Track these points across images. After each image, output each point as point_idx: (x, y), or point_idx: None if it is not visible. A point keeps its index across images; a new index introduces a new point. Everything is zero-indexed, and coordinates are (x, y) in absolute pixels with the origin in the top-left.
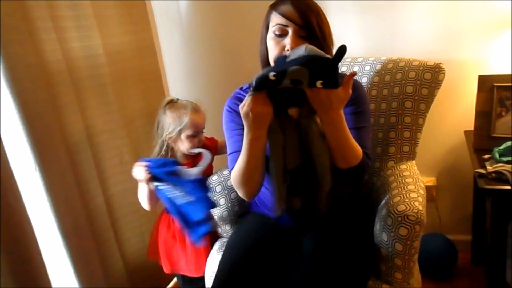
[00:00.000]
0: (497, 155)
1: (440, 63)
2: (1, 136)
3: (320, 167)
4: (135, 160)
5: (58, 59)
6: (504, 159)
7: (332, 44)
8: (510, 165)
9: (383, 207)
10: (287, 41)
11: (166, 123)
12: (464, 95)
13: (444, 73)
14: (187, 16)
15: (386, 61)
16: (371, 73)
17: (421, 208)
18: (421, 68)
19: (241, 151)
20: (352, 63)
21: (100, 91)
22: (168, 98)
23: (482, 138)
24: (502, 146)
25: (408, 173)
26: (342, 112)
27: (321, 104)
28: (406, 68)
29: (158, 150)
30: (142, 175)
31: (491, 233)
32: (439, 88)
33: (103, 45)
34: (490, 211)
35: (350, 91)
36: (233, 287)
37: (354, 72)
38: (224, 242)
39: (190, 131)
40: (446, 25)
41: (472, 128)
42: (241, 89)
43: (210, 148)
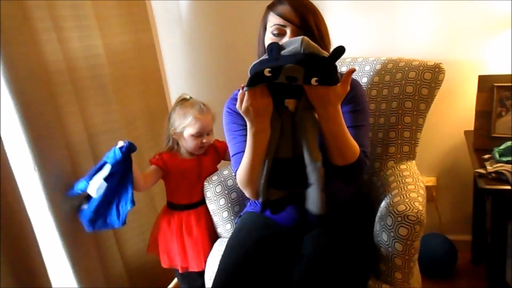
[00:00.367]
0: (497, 155)
1: (440, 63)
2: (1, 136)
3: (310, 163)
4: (136, 160)
5: (58, 59)
6: (504, 159)
7: (330, 44)
8: (510, 165)
9: (383, 207)
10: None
11: (173, 119)
12: (464, 95)
13: (444, 73)
14: (187, 16)
15: (386, 61)
16: (371, 73)
17: (421, 208)
18: (421, 68)
19: (246, 149)
20: (352, 63)
21: (100, 91)
22: (182, 95)
23: (482, 138)
24: (502, 146)
25: (408, 173)
26: (340, 108)
27: (319, 100)
28: (406, 68)
29: (166, 142)
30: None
31: (491, 233)
32: (439, 88)
33: (103, 45)
34: (490, 211)
35: (348, 88)
36: (233, 287)
37: (353, 69)
38: (224, 242)
39: (193, 130)
40: (446, 25)
41: (472, 128)
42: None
43: (219, 151)
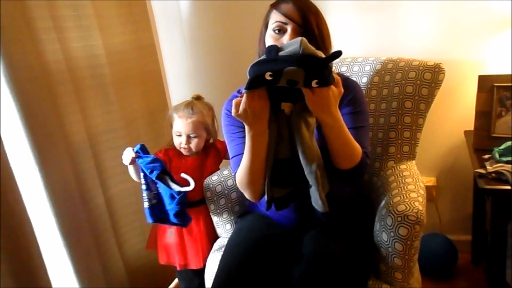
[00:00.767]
0: (497, 155)
1: (440, 63)
2: (1, 136)
3: (306, 166)
4: None
5: (59, 59)
6: (504, 159)
7: (330, 47)
8: (510, 165)
9: (383, 207)
10: (285, 38)
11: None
12: (464, 95)
13: (444, 73)
14: (187, 16)
15: (386, 61)
16: (371, 73)
17: (421, 208)
18: (421, 68)
19: (244, 151)
20: (352, 63)
21: (101, 91)
22: (194, 95)
23: (482, 138)
24: (502, 146)
25: (408, 173)
26: (338, 111)
27: (320, 103)
28: (406, 68)
29: (171, 139)
30: (127, 161)
31: (491, 233)
32: (439, 88)
33: (104, 45)
34: (490, 211)
35: (342, 89)
36: (234, 287)
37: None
38: (224, 242)
39: (174, 127)
40: (446, 25)
41: (472, 128)
42: (238, 92)
43: (220, 152)
